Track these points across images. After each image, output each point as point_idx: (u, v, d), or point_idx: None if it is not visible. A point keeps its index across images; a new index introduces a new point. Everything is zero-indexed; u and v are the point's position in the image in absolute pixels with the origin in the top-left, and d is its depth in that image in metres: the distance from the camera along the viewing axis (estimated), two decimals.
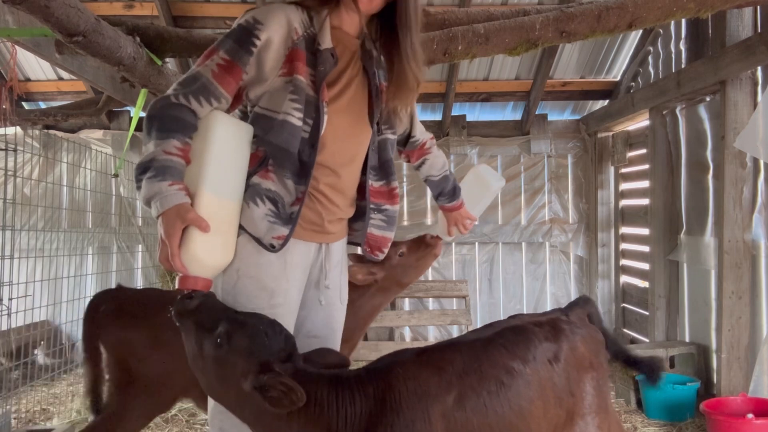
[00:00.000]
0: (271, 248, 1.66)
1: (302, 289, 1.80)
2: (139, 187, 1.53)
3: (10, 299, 3.53)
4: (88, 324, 2.58)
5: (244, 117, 1.77)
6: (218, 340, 1.50)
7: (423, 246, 2.60)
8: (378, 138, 1.88)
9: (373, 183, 1.89)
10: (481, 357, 1.69)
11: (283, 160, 1.67)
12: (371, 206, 1.89)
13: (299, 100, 1.66)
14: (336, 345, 1.87)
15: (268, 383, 1.47)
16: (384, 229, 1.93)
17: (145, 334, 2.47)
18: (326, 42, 1.70)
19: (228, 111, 1.71)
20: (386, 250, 1.97)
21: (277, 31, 1.63)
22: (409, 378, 1.60)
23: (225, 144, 1.64)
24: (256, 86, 1.68)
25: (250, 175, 1.68)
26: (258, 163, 1.68)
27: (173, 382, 2.46)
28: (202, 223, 1.52)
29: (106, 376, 2.55)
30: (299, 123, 1.66)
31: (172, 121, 1.56)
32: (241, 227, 1.67)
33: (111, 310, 2.55)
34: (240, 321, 1.54)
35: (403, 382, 1.59)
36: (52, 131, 5.89)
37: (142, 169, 1.53)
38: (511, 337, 1.78)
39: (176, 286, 1.59)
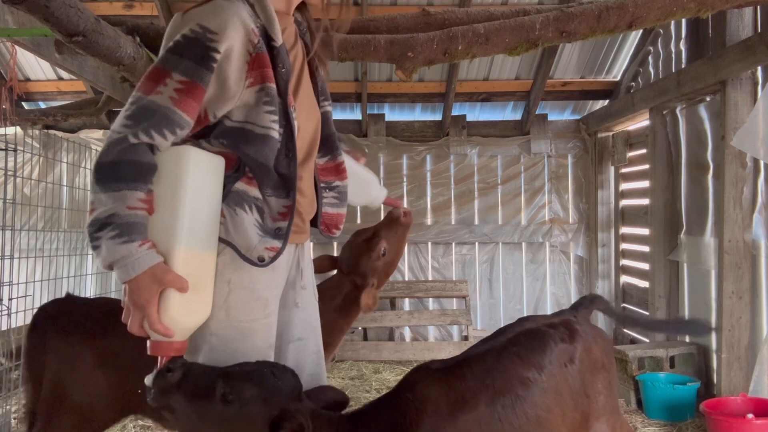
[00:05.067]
0: (260, 261, 1.51)
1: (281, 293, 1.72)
2: (96, 247, 1.34)
3: (10, 299, 3.53)
4: (33, 339, 2.31)
5: (204, 133, 1.53)
6: (227, 399, 1.38)
7: (398, 228, 2.38)
8: (323, 111, 1.78)
9: (318, 161, 1.79)
10: (494, 370, 1.67)
11: (261, 174, 1.51)
12: (321, 185, 1.80)
13: (275, 111, 1.49)
14: (319, 345, 1.83)
15: (280, 420, 1.39)
16: (337, 206, 1.85)
17: (93, 353, 2.24)
18: (279, 36, 1.51)
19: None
20: (341, 227, 1.87)
21: (235, 38, 1.42)
22: (420, 401, 1.58)
23: (199, 187, 1.43)
24: (220, 104, 1.47)
25: (230, 180, 1.51)
26: (234, 167, 1.51)
27: (111, 408, 2.26)
28: (183, 284, 1.37)
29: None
30: (278, 136, 1.51)
31: (132, 168, 1.34)
32: (222, 240, 1.51)
33: (59, 324, 2.31)
34: (240, 372, 1.43)
35: (414, 406, 1.57)
36: (52, 131, 5.90)
37: (99, 226, 1.32)
38: (525, 342, 1.75)
39: (149, 353, 1.42)
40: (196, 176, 1.42)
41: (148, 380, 1.43)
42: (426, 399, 1.58)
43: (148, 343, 1.42)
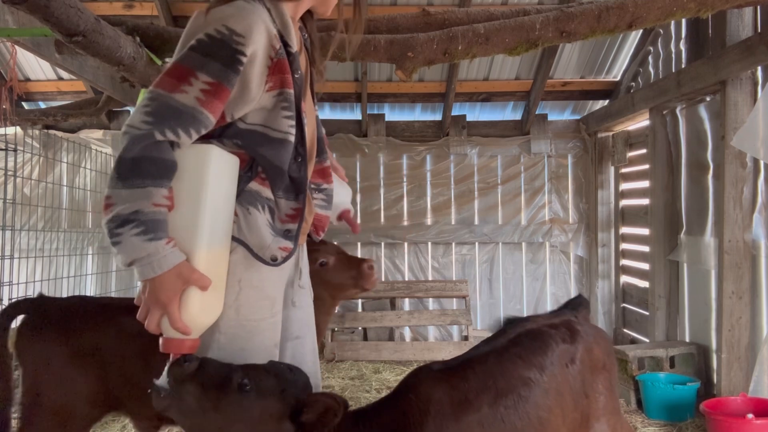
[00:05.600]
0: (272, 261, 1.52)
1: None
2: (117, 243, 1.31)
3: (10, 299, 3.53)
4: (1, 338, 2.25)
5: (216, 133, 1.52)
6: (245, 387, 1.39)
7: (355, 271, 2.20)
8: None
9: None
10: (496, 371, 1.67)
11: (275, 177, 1.53)
12: (311, 186, 1.80)
13: (292, 116, 1.51)
14: (315, 344, 1.85)
15: (305, 406, 1.42)
16: (325, 208, 1.85)
17: (68, 351, 2.20)
18: (295, 42, 1.53)
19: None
20: (326, 230, 1.88)
21: (260, 42, 1.43)
22: (423, 402, 1.58)
23: (220, 185, 1.45)
24: (239, 106, 1.48)
25: (243, 180, 1.52)
26: (247, 167, 1.52)
27: (91, 404, 2.23)
28: (206, 282, 1.39)
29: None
30: (293, 140, 1.53)
31: (156, 165, 1.34)
32: (235, 239, 1.51)
33: (29, 323, 2.26)
34: (257, 365, 1.45)
35: (417, 407, 1.57)
36: (52, 131, 5.90)
37: (120, 222, 1.30)
38: (526, 343, 1.75)
39: (161, 350, 1.43)
40: (217, 175, 1.43)
41: (159, 382, 1.43)
42: (429, 400, 1.58)
43: (161, 340, 1.43)
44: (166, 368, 1.43)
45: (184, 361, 1.40)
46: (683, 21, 4.65)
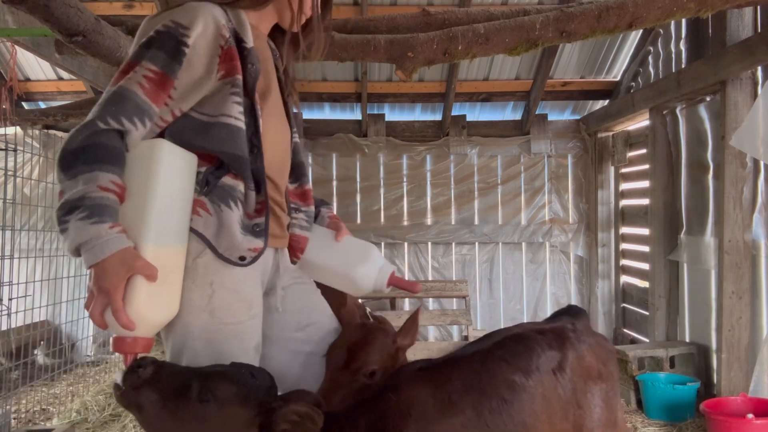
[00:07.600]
0: (240, 261, 1.49)
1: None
2: (64, 230, 1.29)
3: (10, 299, 3.53)
4: None
5: (168, 131, 1.49)
6: (204, 397, 1.31)
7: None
8: (293, 140, 1.80)
9: (288, 185, 1.78)
10: (481, 372, 1.61)
11: (242, 168, 1.50)
12: (292, 205, 1.78)
13: (241, 103, 1.50)
14: (332, 325, 1.81)
15: (277, 419, 1.32)
16: (306, 229, 1.82)
17: None
18: (250, 39, 1.54)
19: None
20: (304, 251, 1.81)
21: (204, 32, 1.44)
22: (404, 403, 1.52)
23: (172, 180, 1.40)
24: (191, 95, 1.47)
25: (215, 175, 1.49)
26: (217, 164, 1.50)
27: None
28: (152, 272, 1.33)
29: None
30: (244, 127, 1.50)
31: (103, 151, 1.32)
32: (204, 240, 1.47)
33: None
34: (216, 371, 1.36)
35: (397, 408, 1.51)
36: (52, 131, 5.89)
37: (68, 209, 1.29)
38: (511, 347, 1.69)
39: (111, 350, 1.37)
40: (169, 169, 1.40)
41: (117, 377, 1.37)
42: (411, 402, 1.52)
43: (111, 339, 1.37)
44: (122, 372, 1.36)
45: (139, 366, 1.33)
46: (683, 21, 4.65)
